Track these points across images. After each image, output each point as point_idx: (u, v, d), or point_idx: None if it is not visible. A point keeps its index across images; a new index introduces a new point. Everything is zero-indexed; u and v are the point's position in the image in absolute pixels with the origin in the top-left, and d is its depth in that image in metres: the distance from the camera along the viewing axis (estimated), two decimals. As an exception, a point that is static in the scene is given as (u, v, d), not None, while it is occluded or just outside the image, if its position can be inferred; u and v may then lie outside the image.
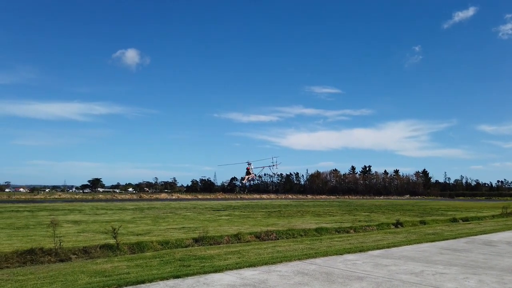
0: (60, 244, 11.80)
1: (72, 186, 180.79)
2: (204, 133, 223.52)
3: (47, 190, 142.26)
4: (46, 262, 10.82)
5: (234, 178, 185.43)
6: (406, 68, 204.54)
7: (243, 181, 32.20)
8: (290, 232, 16.88)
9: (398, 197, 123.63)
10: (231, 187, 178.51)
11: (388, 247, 13.18)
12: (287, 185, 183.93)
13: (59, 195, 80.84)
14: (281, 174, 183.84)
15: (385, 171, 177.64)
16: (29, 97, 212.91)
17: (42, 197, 71.02)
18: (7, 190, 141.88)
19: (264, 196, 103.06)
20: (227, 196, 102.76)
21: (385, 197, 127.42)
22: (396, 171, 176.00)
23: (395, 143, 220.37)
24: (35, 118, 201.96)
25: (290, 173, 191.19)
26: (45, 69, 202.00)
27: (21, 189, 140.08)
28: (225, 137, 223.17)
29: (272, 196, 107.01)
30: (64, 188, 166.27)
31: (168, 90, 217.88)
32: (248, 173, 34.42)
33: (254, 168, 35.45)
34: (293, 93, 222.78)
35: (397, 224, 21.37)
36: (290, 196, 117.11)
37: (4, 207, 35.89)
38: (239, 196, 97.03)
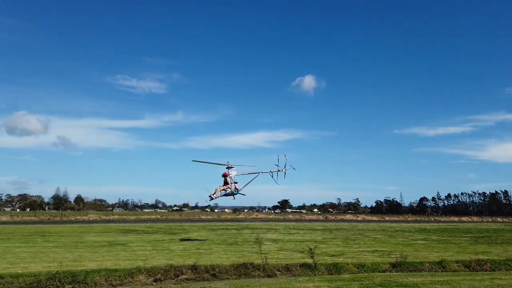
0: (266, 261, 13.17)
1: (265, 207, 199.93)
2: (385, 152, 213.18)
3: (245, 210, 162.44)
4: (256, 276, 12.20)
5: (424, 199, 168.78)
6: None
7: (213, 195, 20.90)
8: (510, 263, 14.11)
9: None
10: (420, 208, 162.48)
11: None
12: (493, 205, 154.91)
13: (256, 215, 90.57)
14: (484, 193, 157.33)
15: None
16: (227, 130, 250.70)
17: (243, 216, 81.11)
18: (216, 210, 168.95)
19: (464, 218, 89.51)
20: (417, 218, 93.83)
21: None
22: None
23: None
24: (233, 148, 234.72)
25: (496, 192, 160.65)
26: (238, 106, 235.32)
27: (226, 210, 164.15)
28: (409, 154, 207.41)
29: (475, 218, 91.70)
30: (259, 209, 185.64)
31: (344, 110, 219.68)
32: (225, 182, 21.73)
33: (238, 175, 22.41)
34: (490, 98, 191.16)
35: None
36: (498, 219, 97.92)
37: (216, 226, 42.60)
38: (432, 219, 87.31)
